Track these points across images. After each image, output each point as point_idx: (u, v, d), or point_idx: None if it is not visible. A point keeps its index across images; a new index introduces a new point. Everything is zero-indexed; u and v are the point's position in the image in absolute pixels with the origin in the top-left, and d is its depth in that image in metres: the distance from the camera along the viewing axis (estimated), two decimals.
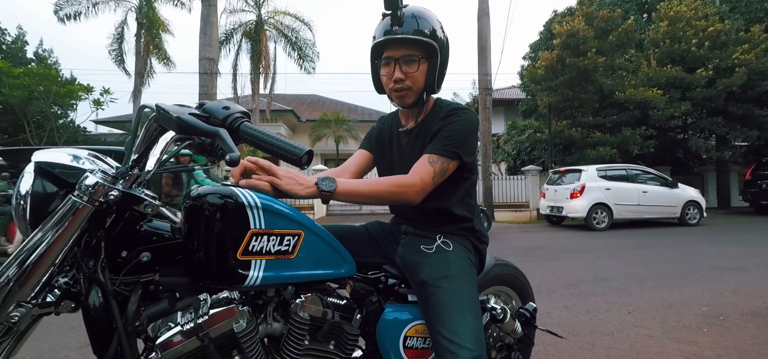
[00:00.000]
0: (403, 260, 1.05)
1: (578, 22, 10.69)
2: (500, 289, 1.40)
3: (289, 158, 0.66)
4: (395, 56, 0.97)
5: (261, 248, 0.77)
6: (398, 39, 0.94)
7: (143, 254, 0.72)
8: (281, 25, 14.67)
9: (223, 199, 0.75)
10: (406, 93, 0.99)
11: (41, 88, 11.00)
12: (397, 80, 0.97)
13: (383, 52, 0.99)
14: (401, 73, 0.97)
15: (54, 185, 0.68)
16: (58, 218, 0.62)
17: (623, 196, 7.88)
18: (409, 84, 0.98)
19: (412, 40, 0.95)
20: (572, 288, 3.11)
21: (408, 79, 0.97)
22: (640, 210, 8.01)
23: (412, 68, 0.97)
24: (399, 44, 0.96)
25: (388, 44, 0.97)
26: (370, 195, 0.93)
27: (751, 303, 2.67)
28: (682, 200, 8.16)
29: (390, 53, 0.97)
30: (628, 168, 8.55)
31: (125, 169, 0.69)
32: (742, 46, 10.51)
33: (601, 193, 7.79)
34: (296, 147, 0.66)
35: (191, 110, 0.67)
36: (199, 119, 0.66)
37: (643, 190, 8.01)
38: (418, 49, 0.97)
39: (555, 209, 8.37)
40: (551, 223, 8.96)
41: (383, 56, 0.99)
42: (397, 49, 0.96)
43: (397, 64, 0.97)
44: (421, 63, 0.97)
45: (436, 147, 0.96)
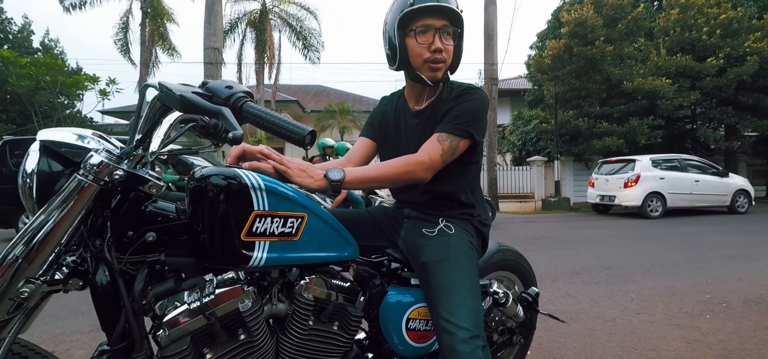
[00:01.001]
0: (406, 244, 1.05)
1: (587, 10, 10.48)
2: (503, 274, 1.41)
3: (292, 138, 0.67)
4: (436, 25, 0.94)
5: (265, 230, 0.78)
6: (442, 8, 0.92)
7: (149, 234, 0.74)
8: (286, 14, 14.58)
9: (227, 180, 0.76)
10: (440, 66, 0.97)
11: (48, 78, 11.07)
12: (436, 50, 0.94)
13: (417, 21, 0.94)
14: (441, 44, 0.94)
15: (59, 163, 0.69)
16: (64, 197, 0.64)
17: (676, 185, 8.10)
18: (445, 57, 0.96)
19: (452, 12, 0.94)
20: (575, 276, 3.12)
21: (445, 52, 0.96)
22: (692, 199, 8.25)
23: (449, 42, 0.96)
24: (441, 14, 0.94)
25: (430, 11, 0.92)
26: (379, 179, 0.93)
27: (754, 290, 2.66)
28: (732, 189, 8.39)
29: (430, 21, 0.94)
30: (680, 158, 8.75)
31: (129, 149, 0.70)
32: (754, 34, 10.26)
33: (656, 182, 8.00)
34: (299, 127, 0.67)
35: (194, 89, 0.68)
36: (203, 98, 0.66)
37: (695, 179, 8.25)
38: (454, 23, 0.96)
39: (606, 198, 8.55)
40: (598, 212, 9.20)
41: (420, 23, 0.94)
42: (438, 18, 0.94)
43: (438, 34, 0.94)
44: (455, 39, 0.97)
45: (447, 126, 0.95)
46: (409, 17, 0.94)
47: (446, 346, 0.84)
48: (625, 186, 8.05)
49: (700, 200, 8.27)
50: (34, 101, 11.14)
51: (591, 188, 9.16)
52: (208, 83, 0.70)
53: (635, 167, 8.09)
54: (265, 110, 0.68)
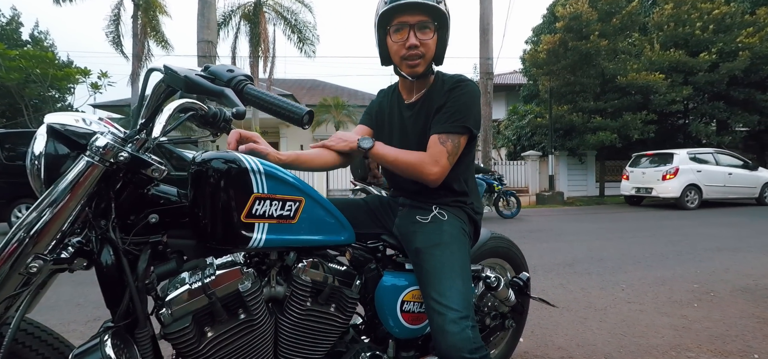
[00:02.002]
0: (400, 230, 1.08)
1: (582, 5, 10.51)
2: (495, 261, 1.45)
3: (290, 118, 0.69)
4: (410, 22, 0.96)
5: (264, 212, 0.80)
6: (415, 3, 0.94)
7: (151, 215, 0.76)
8: (280, 7, 14.42)
9: (227, 164, 0.78)
10: (418, 62, 0.99)
11: (38, 71, 10.91)
12: (411, 46, 0.97)
13: (394, 19, 0.97)
14: (416, 40, 0.96)
15: (66, 146, 0.71)
16: (71, 177, 0.66)
17: (712, 178, 8.53)
18: (422, 51, 0.98)
19: (427, 7, 0.95)
20: (568, 268, 3.18)
21: (422, 47, 0.98)
22: (725, 191, 8.68)
23: (427, 35, 0.98)
24: (414, 10, 0.95)
25: (402, 9, 0.95)
26: (395, 163, 1.01)
27: (741, 280, 2.74)
28: (761, 181, 8.90)
29: (404, 18, 0.96)
30: (714, 152, 9.17)
31: (133, 133, 0.72)
32: (746, 29, 10.38)
33: (694, 175, 8.40)
34: (297, 107, 0.69)
35: (198, 72, 0.70)
36: (205, 78, 0.69)
37: (728, 172, 8.69)
38: (431, 17, 0.97)
39: (642, 190, 8.94)
40: (631, 204, 9.60)
41: (395, 22, 0.98)
42: (412, 14, 0.96)
43: (412, 30, 0.96)
44: (434, 32, 0.98)
45: (445, 125, 0.98)
46: (385, 16, 0.97)
47: (437, 326, 0.87)
48: (663, 179, 8.44)
49: (733, 192, 8.74)
50: (24, 95, 10.97)
51: (625, 181, 9.52)
52: (210, 67, 0.73)
53: (674, 160, 8.51)
54: (265, 92, 0.71)
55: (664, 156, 8.86)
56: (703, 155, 8.85)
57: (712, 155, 8.94)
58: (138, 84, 13.54)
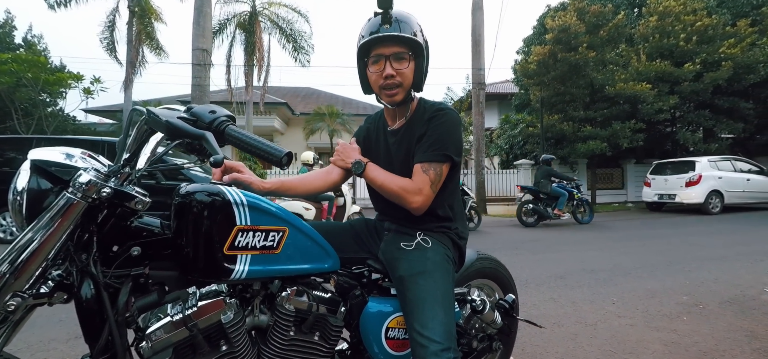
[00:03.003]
0: (385, 256, 1.08)
1: (570, 17, 10.74)
2: (483, 282, 1.45)
3: (269, 159, 0.70)
4: (386, 53, 1.00)
5: (247, 244, 0.80)
6: (390, 37, 0.98)
7: (134, 248, 0.76)
8: (276, 17, 14.48)
9: (211, 197, 0.78)
10: (396, 91, 1.02)
11: (30, 75, 10.78)
12: (388, 76, 1.00)
13: (372, 51, 1.02)
14: (392, 70, 1.00)
15: (49, 182, 0.71)
16: (52, 214, 0.66)
17: (732, 184, 8.98)
18: (399, 80, 1.01)
19: (402, 38, 0.99)
20: (559, 280, 3.19)
21: (398, 76, 1.01)
22: (743, 196, 9.13)
23: (403, 65, 1.01)
24: (390, 42, 0.99)
25: (378, 42, 1.00)
26: (382, 187, 1.03)
27: (729, 291, 2.77)
28: None
29: (380, 51, 1.00)
30: (732, 159, 9.59)
31: (117, 167, 0.72)
32: (728, 40, 10.68)
33: (716, 181, 8.81)
34: (276, 149, 0.70)
35: (180, 114, 0.71)
36: (187, 122, 0.70)
37: (746, 178, 9.17)
38: (407, 47, 1.01)
39: (665, 197, 9.35)
40: (652, 210, 9.96)
41: (373, 54, 1.02)
42: (387, 46, 0.99)
43: (388, 61, 1.00)
44: (410, 61, 1.01)
45: (427, 154, 1.00)
46: (363, 49, 1.02)
47: (419, 358, 0.87)
48: (686, 185, 8.82)
49: (751, 197, 9.20)
50: (14, 99, 10.82)
51: (647, 188, 9.86)
52: (193, 108, 0.73)
53: (696, 167, 8.89)
54: (245, 133, 0.72)
55: (685, 164, 9.24)
56: (722, 162, 9.25)
57: (731, 162, 9.35)
58: (131, 90, 13.44)
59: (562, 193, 7.24)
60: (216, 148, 0.65)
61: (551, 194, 7.25)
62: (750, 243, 4.73)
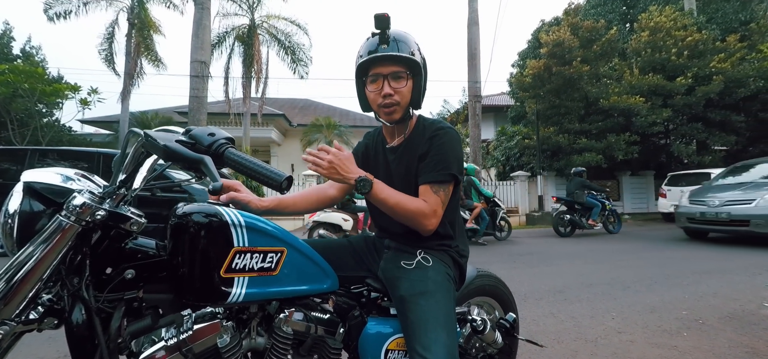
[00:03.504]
0: (385, 275, 1.07)
1: (564, 32, 10.94)
2: (483, 300, 1.43)
3: (269, 183, 0.69)
4: (384, 73, 1.01)
5: (244, 266, 0.79)
6: (387, 56, 0.99)
7: (127, 271, 0.74)
8: (275, 30, 14.64)
9: (208, 217, 0.77)
10: (394, 109, 1.03)
11: (26, 86, 10.77)
12: (386, 95, 1.01)
13: (370, 70, 1.03)
14: (390, 89, 1.01)
15: (42, 204, 0.69)
16: (45, 237, 0.64)
17: None
18: (397, 99, 1.02)
19: (399, 58, 1.00)
20: (558, 295, 3.17)
21: (396, 95, 1.02)
22: None
23: (400, 84, 1.02)
24: (387, 61, 1.01)
25: (376, 62, 1.01)
26: (394, 209, 0.97)
27: (729, 306, 2.76)
28: None
29: (378, 70, 1.02)
30: None
31: (113, 189, 0.71)
32: (718, 55, 10.89)
33: None
34: (276, 173, 0.69)
35: (178, 137, 0.70)
36: (185, 145, 0.68)
37: None
38: (404, 67, 1.02)
39: None
40: (668, 220, 9.85)
41: (371, 73, 1.03)
42: (385, 66, 1.01)
43: (386, 80, 1.01)
44: (408, 80, 1.03)
45: (433, 174, 1.00)
46: (362, 68, 1.03)
47: None
48: None
49: None
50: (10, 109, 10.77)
51: (663, 199, 9.91)
52: (192, 130, 0.72)
53: (711, 179, 8.86)
54: (245, 155, 0.71)
55: (700, 176, 9.33)
56: None
57: None
58: (128, 101, 13.43)
59: (595, 204, 7.57)
60: (215, 174, 0.63)
61: (585, 205, 7.58)
62: (746, 256, 4.74)
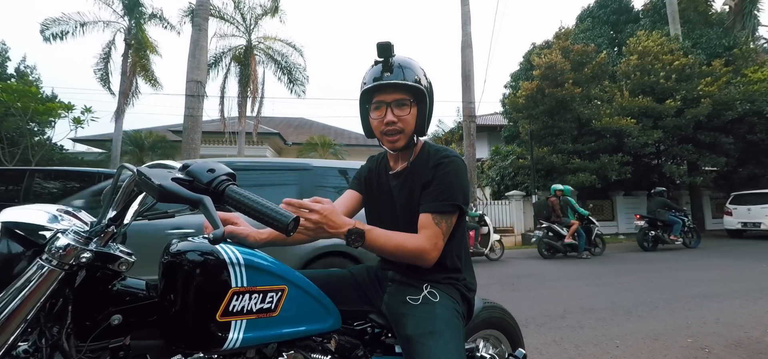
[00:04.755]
0: (389, 310, 1.01)
1: (555, 55, 11.22)
2: (489, 332, 1.37)
3: (274, 226, 0.63)
4: (387, 100, 1.00)
5: (242, 308, 0.73)
6: (390, 84, 0.98)
7: (114, 316, 0.67)
8: (271, 51, 14.81)
9: (204, 256, 0.71)
10: (397, 137, 1.01)
11: (19, 105, 10.67)
12: (389, 123, 0.99)
13: (374, 97, 1.02)
14: (393, 116, 0.99)
15: (21, 245, 0.63)
16: (22, 284, 0.58)
17: None
18: (401, 127, 1.00)
19: (402, 86, 0.99)
20: (560, 320, 3.10)
21: (400, 122, 1.00)
22: None
23: (404, 112, 1.00)
24: (391, 89, 0.99)
25: (380, 89, 1.00)
26: (395, 251, 0.92)
27: (732, 333, 2.72)
28: None
29: (381, 97, 1.00)
30: None
31: (101, 227, 0.65)
32: (705, 79, 11.22)
33: None
34: (282, 213, 0.63)
35: (174, 175, 0.64)
36: (183, 183, 0.63)
37: None
38: (408, 94, 1.00)
39: (749, 225, 10.05)
40: (733, 237, 10.54)
41: (374, 100, 1.02)
42: (388, 93, 1.00)
43: (389, 108, 0.99)
44: (411, 107, 1.00)
45: (436, 204, 0.96)
46: (365, 95, 1.02)
47: None
48: None
49: None
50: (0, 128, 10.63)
51: (729, 217, 10.47)
52: (189, 166, 0.66)
53: None
54: (248, 194, 0.64)
55: (761, 196, 10.00)
56: None
57: None
58: (122, 120, 13.34)
59: (676, 221, 8.15)
60: (215, 218, 0.57)
61: (667, 222, 8.13)
62: (741, 279, 4.73)
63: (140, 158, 14.61)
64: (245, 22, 14.29)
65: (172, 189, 0.58)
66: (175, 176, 0.63)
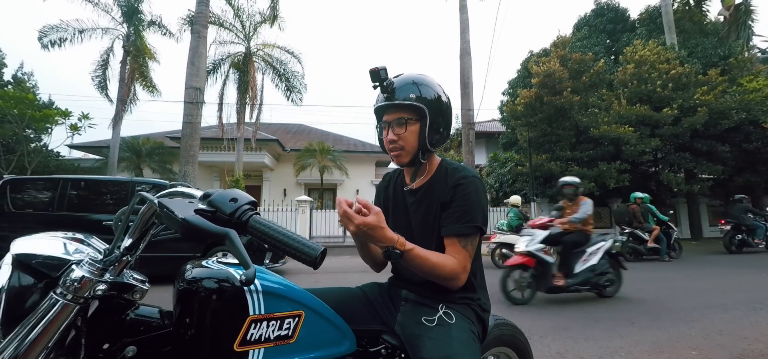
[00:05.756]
0: (403, 330, 1.00)
1: (554, 64, 11.32)
2: (500, 350, 1.36)
3: (300, 258, 0.61)
4: (388, 120, 1.04)
5: (260, 336, 0.71)
6: (388, 105, 1.03)
7: (129, 347, 0.66)
8: (270, 58, 14.84)
9: (220, 283, 0.70)
10: (400, 153, 1.04)
11: (15, 112, 10.61)
12: (390, 141, 1.04)
13: (381, 117, 1.07)
14: (393, 135, 1.03)
15: (32, 277, 0.61)
16: (37, 319, 0.56)
17: None
18: (401, 144, 1.03)
19: (399, 105, 1.02)
20: (563, 331, 3.08)
21: (400, 140, 1.03)
22: None
23: (402, 130, 1.03)
24: (390, 110, 1.04)
25: (383, 110, 1.05)
26: (432, 269, 0.91)
27: (736, 345, 2.71)
28: None
29: (385, 117, 1.05)
30: None
31: (116, 257, 0.64)
32: (701, 88, 11.34)
33: None
34: (310, 246, 0.61)
35: (196, 205, 0.62)
36: (205, 214, 0.61)
37: None
38: (407, 112, 1.02)
39: None
40: None
41: (382, 120, 1.07)
42: (389, 113, 1.04)
43: (390, 127, 1.04)
44: (409, 125, 1.02)
45: (459, 227, 0.97)
46: (376, 115, 1.09)
47: None
48: None
49: None
50: None
51: None
52: (210, 196, 0.64)
53: None
54: (272, 224, 0.62)
55: None
56: None
57: None
58: (120, 127, 13.28)
59: (759, 226, 8.66)
60: (245, 256, 0.54)
61: (750, 227, 8.62)
62: (743, 289, 4.73)
63: (137, 164, 14.54)
64: (244, 30, 14.34)
65: (196, 223, 0.56)
66: (198, 208, 0.61)
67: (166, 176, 14.21)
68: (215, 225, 0.57)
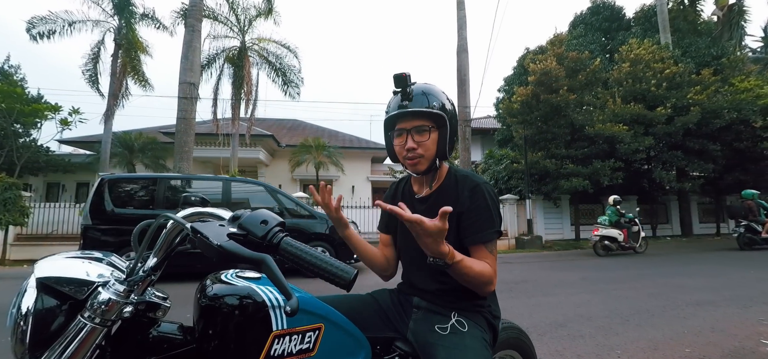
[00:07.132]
0: (416, 338, 1.02)
1: (550, 62, 11.37)
2: (506, 353, 1.38)
3: (334, 282, 0.62)
4: (407, 127, 1.02)
5: (283, 351, 0.72)
6: (410, 112, 1.01)
7: None
8: (265, 52, 14.69)
9: (242, 300, 0.70)
10: (418, 161, 1.04)
11: (3, 106, 10.38)
12: (409, 149, 1.02)
13: (396, 124, 1.05)
14: (414, 143, 1.02)
15: (56, 299, 0.61)
16: (66, 343, 0.56)
17: None
18: (421, 152, 1.03)
19: (421, 113, 1.01)
20: (560, 329, 3.14)
21: (420, 148, 1.02)
22: None
23: (424, 138, 1.02)
24: (410, 117, 1.02)
25: (400, 117, 1.03)
26: (477, 277, 0.90)
27: (728, 342, 2.78)
28: None
29: (402, 125, 1.03)
30: None
31: (140, 276, 0.64)
32: (694, 87, 11.50)
33: None
34: (343, 270, 0.61)
35: (228, 229, 0.62)
36: (237, 238, 0.61)
37: None
38: (428, 120, 1.02)
39: None
40: None
41: (396, 127, 1.05)
42: (408, 121, 1.02)
43: (409, 135, 1.02)
44: (431, 132, 1.03)
45: (484, 234, 0.99)
46: (389, 122, 1.06)
47: None
48: None
49: None
50: None
51: None
52: (240, 218, 0.64)
53: None
54: (304, 247, 0.62)
55: None
56: None
57: None
58: (112, 122, 13.07)
59: None
60: (284, 283, 0.53)
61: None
62: (731, 287, 4.85)
63: (130, 160, 14.35)
64: (239, 24, 14.17)
65: (232, 250, 0.56)
66: (230, 232, 0.61)
67: (159, 171, 14.04)
68: (250, 251, 0.57)
